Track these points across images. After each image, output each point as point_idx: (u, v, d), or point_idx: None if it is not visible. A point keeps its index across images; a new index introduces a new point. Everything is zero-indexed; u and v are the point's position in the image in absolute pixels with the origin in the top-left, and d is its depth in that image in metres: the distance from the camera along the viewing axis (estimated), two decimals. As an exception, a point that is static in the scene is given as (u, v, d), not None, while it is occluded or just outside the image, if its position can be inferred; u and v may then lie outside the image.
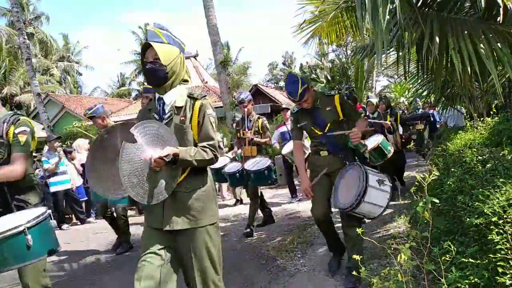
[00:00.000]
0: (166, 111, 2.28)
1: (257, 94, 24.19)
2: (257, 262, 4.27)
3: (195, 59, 21.88)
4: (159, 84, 2.24)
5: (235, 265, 4.24)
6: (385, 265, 3.57)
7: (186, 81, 2.40)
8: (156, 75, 2.19)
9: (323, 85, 22.04)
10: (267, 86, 28.77)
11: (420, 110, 11.90)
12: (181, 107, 2.27)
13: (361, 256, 2.66)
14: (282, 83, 36.13)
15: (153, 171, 2.06)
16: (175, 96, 2.28)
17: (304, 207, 6.99)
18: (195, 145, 2.25)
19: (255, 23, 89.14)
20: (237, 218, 6.86)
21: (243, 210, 7.15)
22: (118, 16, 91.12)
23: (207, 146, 2.25)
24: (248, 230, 5.45)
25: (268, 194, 8.58)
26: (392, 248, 2.41)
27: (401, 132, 7.12)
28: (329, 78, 21.79)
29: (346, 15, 5.26)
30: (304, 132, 3.82)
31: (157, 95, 2.34)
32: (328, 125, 3.43)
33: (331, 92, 3.62)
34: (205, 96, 2.36)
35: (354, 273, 2.83)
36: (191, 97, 2.32)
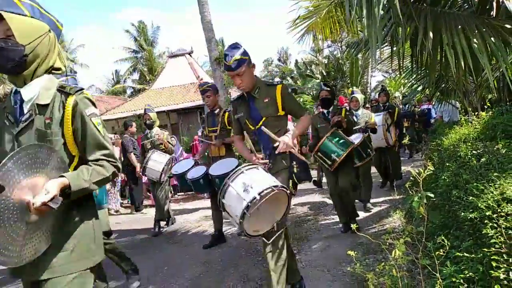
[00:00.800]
0: (25, 111, 1.65)
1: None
2: (253, 258, 4.27)
3: (190, 55, 21.77)
4: (14, 72, 1.61)
5: (231, 261, 4.25)
6: (381, 260, 3.58)
7: (58, 69, 1.75)
8: (7, 58, 1.55)
9: (318, 80, 22.04)
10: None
11: (407, 106, 11.62)
12: (47, 104, 1.64)
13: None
14: (277, 79, 36.04)
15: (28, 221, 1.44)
16: (37, 89, 1.65)
17: (300, 203, 7.01)
18: (70, 160, 1.68)
19: (251, 20, 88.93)
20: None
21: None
22: (113, 14, 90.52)
23: (102, 157, 1.68)
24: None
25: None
26: (387, 244, 2.42)
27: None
28: (324, 73, 21.78)
29: (340, 10, 5.24)
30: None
31: (13, 88, 1.69)
32: (263, 119, 2.88)
33: (274, 81, 3.14)
34: (83, 89, 1.71)
35: None
36: (62, 91, 1.68)
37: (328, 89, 4.73)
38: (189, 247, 5.09)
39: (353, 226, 2.29)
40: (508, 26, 2.96)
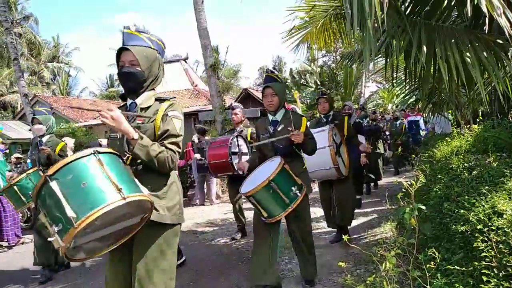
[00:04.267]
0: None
1: (247, 98, 24.19)
2: (244, 267, 4.25)
3: (185, 62, 21.82)
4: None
5: (222, 270, 4.22)
6: (372, 271, 3.57)
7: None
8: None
9: (312, 89, 22.15)
10: (257, 90, 28.80)
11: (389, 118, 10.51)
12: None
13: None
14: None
15: None
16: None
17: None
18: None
19: (248, 28, 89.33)
20: (224, 222, 6.83)
21: (231, 214, 7.14)
22: (109, 19, 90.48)
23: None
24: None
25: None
26: (379, 255, 2.42)
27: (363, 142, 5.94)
28: (318, 83, 21.89)
29: (335, 22, 5.29)
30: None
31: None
32: None
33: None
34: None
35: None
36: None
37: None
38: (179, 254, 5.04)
39: (345, 237, 2.29)
40: (500, 41, 3.00)
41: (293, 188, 3.06)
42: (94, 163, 1.77)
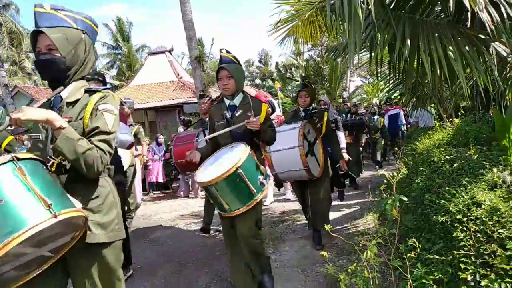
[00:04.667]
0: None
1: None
2: (227, 257, 4.25)
3: (170, 53, 21.58)
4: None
5: (206, 260, 4.23)
6: (354, 261, 3.62)
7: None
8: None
9: (298, 83, 22.21)
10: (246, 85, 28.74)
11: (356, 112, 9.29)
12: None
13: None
14: (258, 81, 36.17)
15: None
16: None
17: (277, 204, 7.04)
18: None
19: (236, 21, 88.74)
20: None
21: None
22: (93, 10, 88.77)
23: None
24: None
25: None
26: (361, 245, 2.46)
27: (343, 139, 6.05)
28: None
29: (321, 15, 5.29)
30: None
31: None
32: None
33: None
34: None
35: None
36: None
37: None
38: (163, 245, 5.04)
39: (327, 227, 2.31)
40: (481, 36, 3.05)
41: (259, 177, 2.79)
42: (12, 173, 1.44)
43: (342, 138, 5.99)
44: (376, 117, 10.62)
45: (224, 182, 2.64)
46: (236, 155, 2.72)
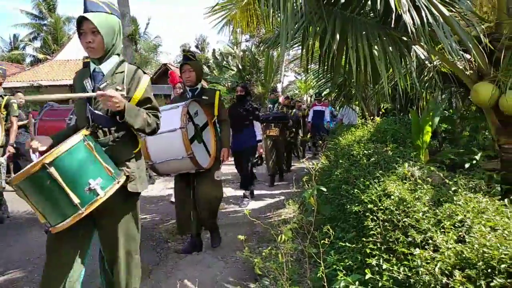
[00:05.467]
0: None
1: (166, 73, 23.51)
2: (146, 243, 4.13)
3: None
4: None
5: (164, 235, 4.11)
6: (273, 247, 3.70)
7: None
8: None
9: (233, 72, 22.21)
10: (177, 67, 28.12)
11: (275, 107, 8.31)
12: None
13: None
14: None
15: None
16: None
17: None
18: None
19: (173, 2, 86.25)
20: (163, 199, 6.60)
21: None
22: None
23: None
24: None
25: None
26: (279, 232, 2.50)
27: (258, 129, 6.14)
28: (240, 67, 21.99)
29: (258, 4, 5.29)
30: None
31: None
32: None
33: None
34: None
35: None
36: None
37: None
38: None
39: (247, 211, 2.32)
40: (404, 38, 3.23)
41: (92, 181, 1.89)
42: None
43: (258, 130, 6.10)
44: (293, 111, 9.78)
45: (27, 182, 1.82)
46: (60, 146, 1.86)
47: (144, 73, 2.29)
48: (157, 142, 3.26)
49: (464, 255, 1.48)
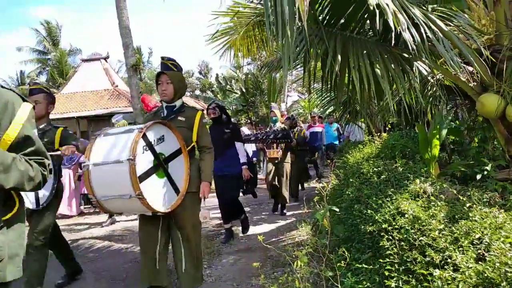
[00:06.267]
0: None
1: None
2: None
3: (106, 61, 20.79)
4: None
5: (137, 276, 4.03)
6: (289, 273, 3.65)
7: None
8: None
9: (237, 95, 22.40)
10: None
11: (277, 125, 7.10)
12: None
13: None
14: (198, 92, 35.96)
15: None
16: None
17: (214, 216, 6.95)
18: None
19: (175, 30, 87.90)
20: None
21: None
22: (21, 11, 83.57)
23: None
24: None
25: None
26: (294, 256, 2.47)
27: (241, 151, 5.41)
28: (244, 90, 22.19)
29: (258, 30, 5.38)
30: None
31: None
32: None
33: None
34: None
35: None
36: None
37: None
38: (93, 262, 4.76)
39: (260, 237, 2.30)
40: (405, 55, 3.25)
41: None
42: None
43: (242, 152, 5.32)
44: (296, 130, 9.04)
45: None
46: None
47: (24, 100, 1.57)
48: (101, 174, 2.64)
49: (486, 275, 1.45)
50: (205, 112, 4.94)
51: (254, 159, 10.18)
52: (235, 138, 5.26)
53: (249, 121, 20.99)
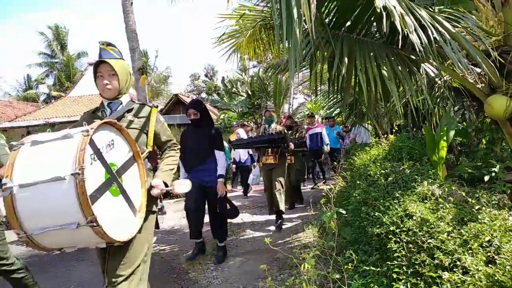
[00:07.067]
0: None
1: (178, 104, 23.93)
2: (168, 275, 4.12)
3: (113, 65, 20.92)
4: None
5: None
6: (295, 275, 3.64)
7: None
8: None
9: (243, 98, 22.44)
10: (188, 97, 28.56)
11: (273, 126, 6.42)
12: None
13: None
14: (204, 95, 36.07)
15: None
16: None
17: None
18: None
19: (180, 33, 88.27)
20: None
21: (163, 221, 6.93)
22: (26, 14, 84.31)
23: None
24: None
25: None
26: (300, 258, 2.47)
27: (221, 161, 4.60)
28: (249, 92, 22.20)
29: (264, 33, 5.39)
30: None
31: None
32: None
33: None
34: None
35: None
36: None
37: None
38: (96, 264, 4.77)
39: (267, 240, 2.30)
40: (413, 57, 3.24)
41: None
42: None
43: (221, 162, 4.50)
44: (296, 131, 8.61)
45: None
46: None
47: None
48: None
49: (496, 278, 1.44)
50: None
51: (248, 164, 9.98)
52: (216, 146, 4.49)
53: (254, 124, 21.02)
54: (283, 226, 5.83)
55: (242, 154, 9.85)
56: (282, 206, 5.78)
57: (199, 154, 4.44)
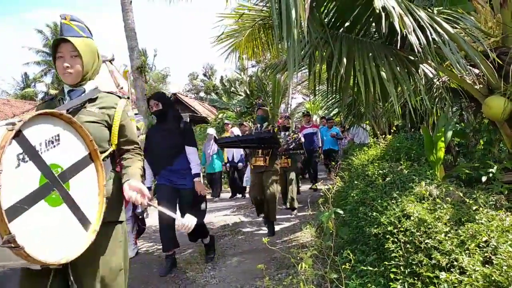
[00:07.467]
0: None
1: (176, 103, 23.93)
2: (165, 277, 4.11)
3: (111, 63, 20.88)
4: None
5: (142, 278, 4.05)
6: (293, 274, 3.64)
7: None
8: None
9: (242, 97, 22.43)
10: (186, 96, 28.56)
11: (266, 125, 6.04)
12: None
13: None
14: (202, 94, 36.05)
15: None
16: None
17: (218, 218, 6.96)
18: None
19: (179, 31, 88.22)
20: (147, 229, 6.59)
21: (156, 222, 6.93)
22: (24, 13, 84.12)
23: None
24: None
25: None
26: (298, 258, 2.47)
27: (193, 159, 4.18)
28: (248, 92, 22.20)
29: (263, 32, 5.40)
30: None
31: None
32: None
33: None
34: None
35: None
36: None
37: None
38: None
39: (265, 240, 2.30)
40: (411, 57, 3.25)
41: None
42: None
43: (194, 159, 4.08)
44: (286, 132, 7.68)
45: None
46: None
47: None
48: None
49: (493, 278, 1.44)
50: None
51: (240, 164, 9.56)
52: (186, 142, 4.06)
53: (253, 124, 21.01)
54: (280, 227, 5.84)
55: (235, 155, 9.66)
56: (274, 217, 5.40)
57: (167, 152, 3.99)
